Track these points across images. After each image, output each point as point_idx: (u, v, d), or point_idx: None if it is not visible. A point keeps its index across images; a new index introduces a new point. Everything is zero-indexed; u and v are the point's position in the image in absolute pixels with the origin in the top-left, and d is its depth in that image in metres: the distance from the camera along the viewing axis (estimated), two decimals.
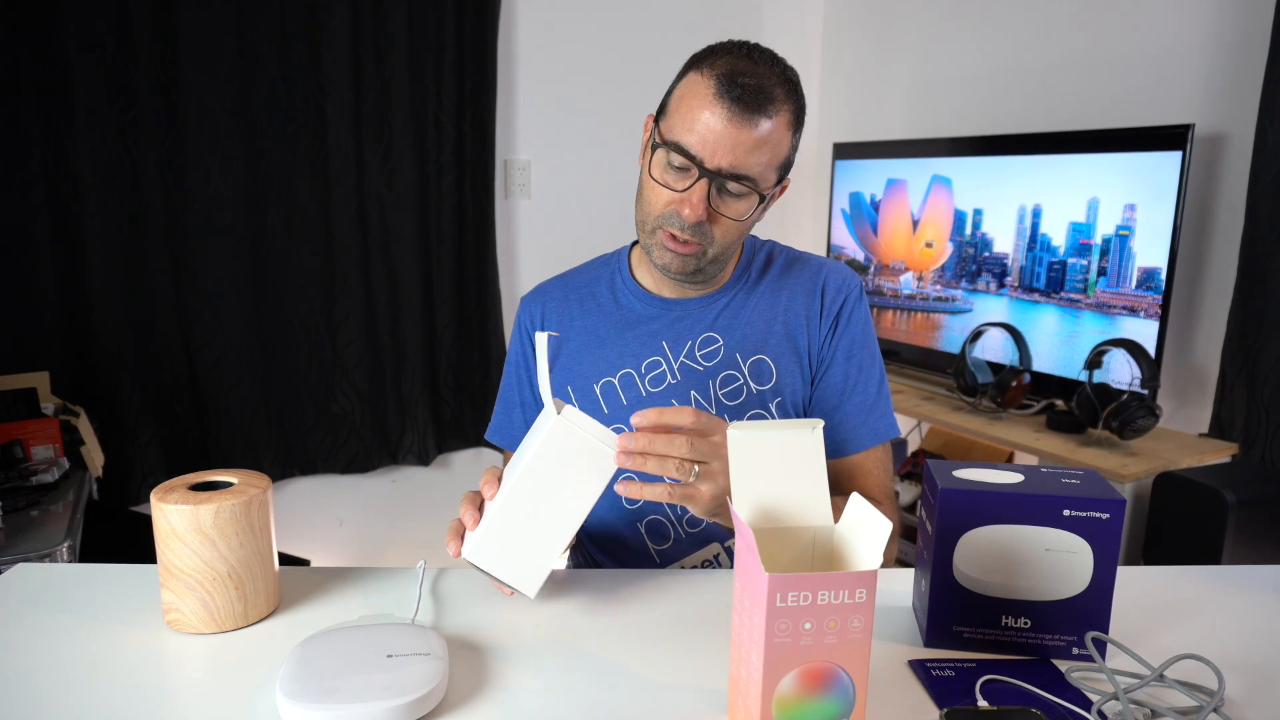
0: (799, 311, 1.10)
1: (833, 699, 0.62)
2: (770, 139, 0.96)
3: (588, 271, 1.21)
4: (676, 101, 0.99)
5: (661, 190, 1.00)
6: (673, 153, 0.97)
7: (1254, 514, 1.67)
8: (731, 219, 1.00)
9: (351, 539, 2.66)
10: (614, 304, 1.15)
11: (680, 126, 0.97)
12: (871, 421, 1.10)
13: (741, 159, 0.95)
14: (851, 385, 1.10)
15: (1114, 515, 0.74)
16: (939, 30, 2.71)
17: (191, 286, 2.26)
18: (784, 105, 0.97)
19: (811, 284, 1.12)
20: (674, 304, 1.12)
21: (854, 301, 1.12)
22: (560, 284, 1.20)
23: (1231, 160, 2.02)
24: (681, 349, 1.10)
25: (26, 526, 1.60)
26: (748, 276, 1.13)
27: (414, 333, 2.55)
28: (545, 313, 1.17)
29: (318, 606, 0.85)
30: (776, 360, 1.08)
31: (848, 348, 1.10)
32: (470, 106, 2.52)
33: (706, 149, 0.95)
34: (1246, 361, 1.91)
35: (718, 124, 0.94)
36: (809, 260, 1.15)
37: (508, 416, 1.21)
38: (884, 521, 0.62)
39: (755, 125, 0.95)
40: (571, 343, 1.14)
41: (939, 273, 2.54)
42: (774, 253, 1.16)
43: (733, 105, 0.94)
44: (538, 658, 0.77)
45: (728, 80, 0.94)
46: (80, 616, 0.82)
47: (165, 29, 2.12)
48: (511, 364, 1.21)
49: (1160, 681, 0.71)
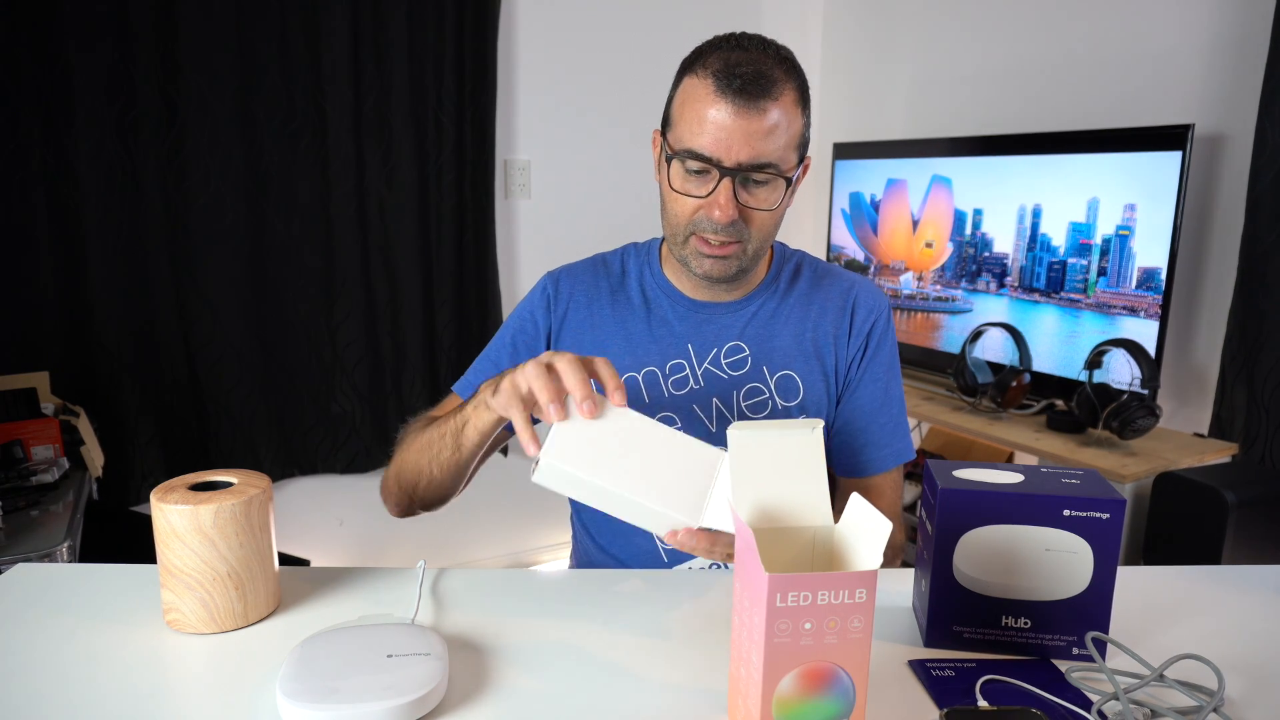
0: (828, 329, 1.10)
1: (833, 699, 0.62)
2: (781, 121, 0.95)
3: (619, 260, 1.17)
4: (679, 109, 0.98)
5: (686, 200, 0.99)
6: (689, 160, 0.96)
7: (1254, 514, 1.67)
8: (764, 210, 0.99)
9: (351, 539, 2.66)
10: (642, 299, 1.13)
11: (689, 132, 0.96)
12: (895, 443, 1.10)
13: (759, 148, 0.94)
14: (878, 408, 1.10)
15: (1114, 515, 0.74)
16: (939, 30, 2.71)
17: (191, 286, 2.26)
18: (787, 84, 0.96)
19: (843, 301, 1.11)
20: (702, 307, 1.11)
21: (884, 324, 1.12)
22: (591, 269, 1.17)
23: (1231, 160, 2.02)
24: (707, 354, 1.09)
25: (26, 526, 1.60)
26: (777, 285, 1.12)
27: (414, 333, 2.55)
28: (574, 293, 1.14)
29: (318, 606, 0.85)
30: (804, 377, 1.08)
31: (877, 371, 1.10)
32: (470, 106, 2.52)
33: (721, 147, 0.94)
34: (1246, 361, 1.91)
35: (726, 119, 0.93)
36: (839, 276, 1.15)
37: (485, 375, 1.13)
38: (884, 522, 0.62)
39: (764, 112, 0.93)
40: (595, 330, 1.12)
41: (939, 273, 2.54)
42: (803, 263, 1.15)
43: (736, 97, 0.93)
44: (538, 658, 0.77)
45: (725, 74, 0.93)
46: (80, 616, 0.82)
47: (165, 29, 2.12)
48: (511, 328, 1.15)
49: (1160, 681, 0.71)
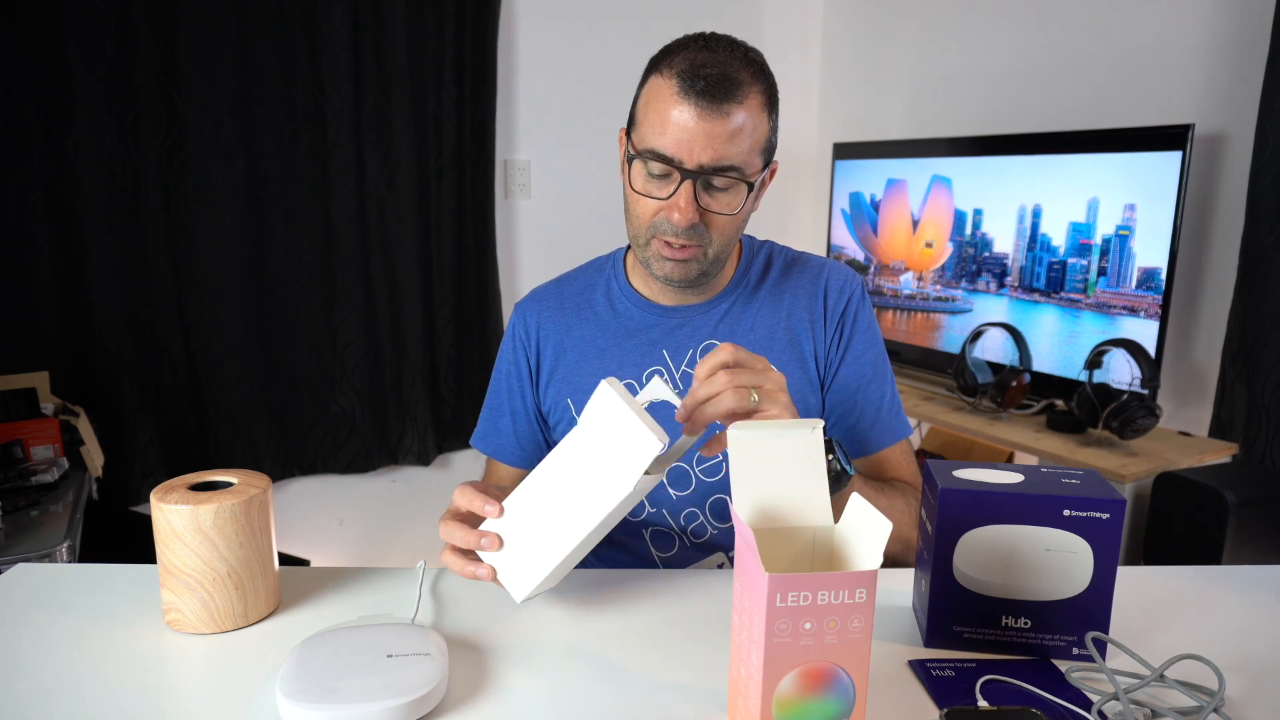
0: (802, 316, 1.09)
1: (833, 699, 0.62)
2: (746, 125, 0.94)
3: (583, 277, 1.18)
4: (643, 108, 0.97)
5: (647, 201, 0.98)
6: (650, 161, 0.95)
7: (1254, 514, 1.67)
8: (724, 214, 0.98)
9: (351, 539, 2.66)
10: (611, 312, 1.13)
11: (652, 132, 0.95)
12: (888, 420, 1.10)
13: (721, 151, 0.93)
14: (865, 386, 1.09)
15: (1114, 515, 0.74)
16: (939, 30, 2.71)
17: (191, 286, 2.26)
18: (752, 88, 0.94)
19: (813, 286, 1.10)
20: (673, 311, 1.10)
21: (858, 302, 1.11)
22: (555, 291, 1.17)
23: (1231, 160, 2.02)
24: (683, 357, 1.09)
25: (26, 526, 1.60)
26: (747, 280, 1.12)
27: (414, 333, 2.55)
28: (541, 321, 1.14)
29: (318, 606, 0.85)
30: (782, 368, 1.07)
31: (859, 349, 1.10)
32: (470, 106, 2.52)
33: (683, 149, 0.93)
34: (1246, 361, 1.91)
35: (689, 121, 0.92)
36: (809, 261, 1.14)
37: (495, 424, 1.18)
38: (884, 521, 0.62)
39: (727, 115, 0.92)
40: (570, 353, 1.12)
41: (939, 273, 2.54)
42: (773, 254, 1.15)
43: (700, 99, 0.91)
44: (538, 658, 0.77)
45: (690, 75, 0.92)
46: (80, 616, 0.82)
47: (165, 29, 2.12)
48: (502, 371, 1.18)
49: (1160, 681, 0.71)
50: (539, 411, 1.16)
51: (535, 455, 1.17)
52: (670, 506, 1.08)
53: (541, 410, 1.15)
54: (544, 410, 1.15)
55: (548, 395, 1.13)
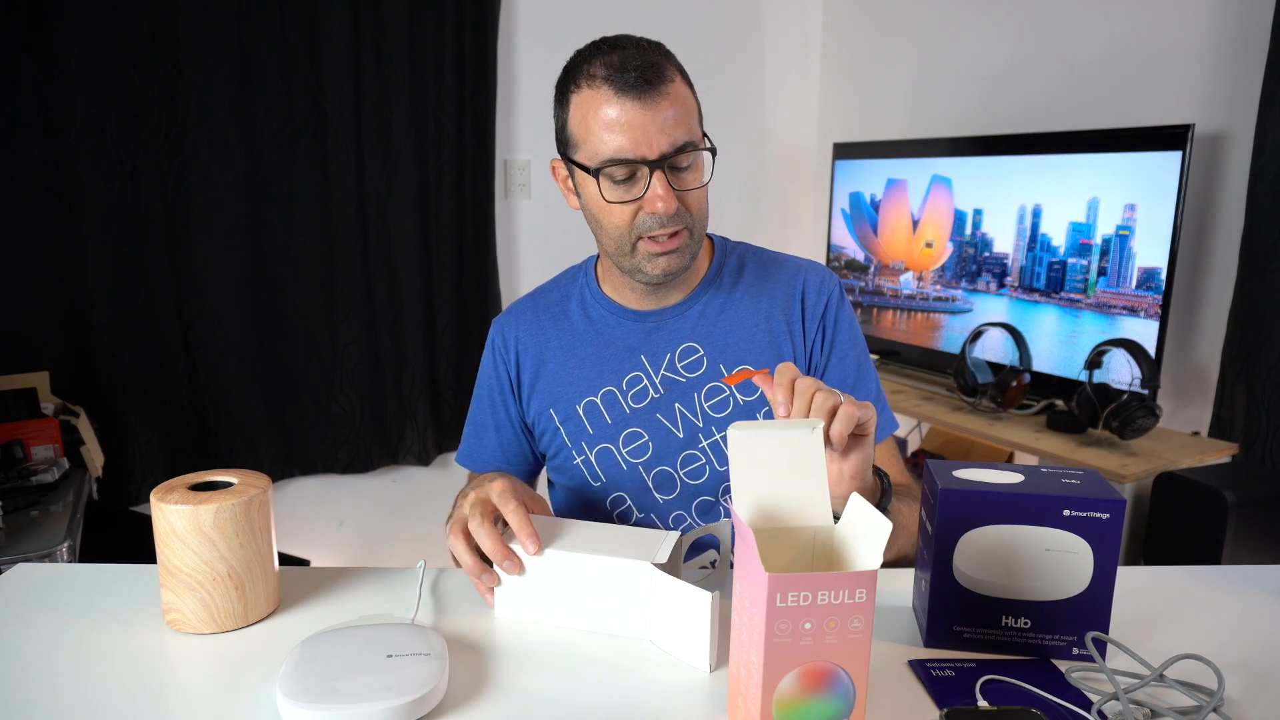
0: (780, 318, 1.09)
1: (833, 699, 0.62)
2: (679, 100, 0.97)
3: (558, 288, 1.18)
4: (579, 126, 0.98)
5: (622, 209, 0.99)
6: (613, 169, 0.96)
7: (1254, 514, 1.67)
8: (697, 189, 1.00)
9: (351, 539, 2.66)
10: (586, 321, 1.13)
11: (601, 143, 0.96)
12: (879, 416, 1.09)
13: (673, 134, 0.96)
14: (850, 386, 1.09)
15: (1114, 515, 0.74)
16: (939, 30, 2.71)
17: (191, 286, 2.26)
18: (670, 67, 0.98)
19: (790, 288, 1.11)
20: (647, 315, 1.10)
21: (837, 302, 1.11)
22: (531, 304, 1.18)
23: (1231, 160, 2.02)
24: (661, 361, 1.09)
25: (26, 526, 1.60)
26: (720, 280, 1.12)
27: (414, 333, 2.55)
28: (520, 335, 1.15)
29: (318, 606, 0.85)
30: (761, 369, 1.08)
31: (843, 349, 1.10)
32: (470, 106, 2.52)
33: (640, 144, 0.95)
34: (1247, 361, 1.91)
35: (635, 115, 0.94)
36: (785, 262, 1.14)
37: (479, 440, 1.19)
38: (884, 521, 0.62)
39: (666, 95, 0.95)
40: (550, 363, 1.13)
41: (939, 273, 2.54)
42: (747, 256, 1.15)
43: (637, 91, 0.94)
44: (538, 658, 0.77)
45: (618, 74, 0.95)
46: (80, 616, 0.82)
47: (165, 29, 2.12)
48: (483, 387, 1.18)
49: (1160, 681, 0.71)
50: (524, 423, 1.17)
51: (522, 469, 1.18)
52: (658, 511, 1.09)
53: (526, 422, 1.16)
54: (528, 422, 1.16)
55: (530, 406, 1.14)
